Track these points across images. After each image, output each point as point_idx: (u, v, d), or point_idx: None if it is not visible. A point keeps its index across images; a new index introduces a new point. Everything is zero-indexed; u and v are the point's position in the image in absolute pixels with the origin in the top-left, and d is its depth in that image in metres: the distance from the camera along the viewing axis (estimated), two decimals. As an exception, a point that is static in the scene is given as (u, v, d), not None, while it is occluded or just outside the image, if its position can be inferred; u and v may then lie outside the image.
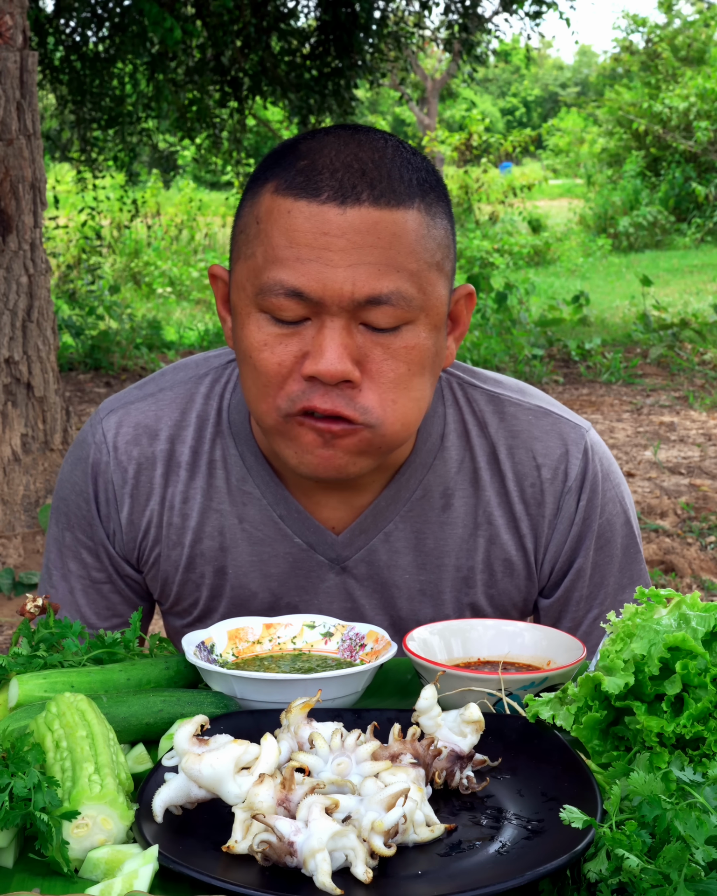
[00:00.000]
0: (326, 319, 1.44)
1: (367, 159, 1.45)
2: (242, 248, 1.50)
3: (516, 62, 28.30)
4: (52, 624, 1.52)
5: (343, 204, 1.42)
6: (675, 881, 0.98)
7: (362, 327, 1.45)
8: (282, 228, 1.44)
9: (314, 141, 1.48)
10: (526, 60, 13.10)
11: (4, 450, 5.52)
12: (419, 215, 1.46)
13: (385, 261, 1.42)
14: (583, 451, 1.70)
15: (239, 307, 1.51)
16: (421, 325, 1.48)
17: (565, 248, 18.54)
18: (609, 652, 1.27)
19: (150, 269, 15.52)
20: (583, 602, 1.75)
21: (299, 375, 1.46)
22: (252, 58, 10.28)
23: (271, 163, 1.50)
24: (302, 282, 1.42)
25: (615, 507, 1.74)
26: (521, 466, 1.69)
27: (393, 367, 1.47)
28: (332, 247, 1.42)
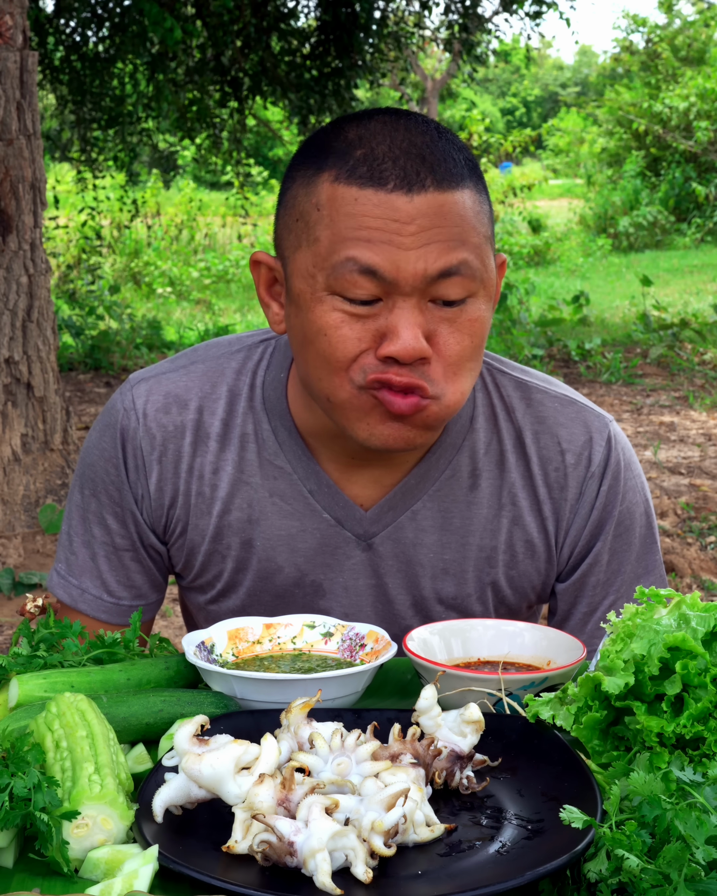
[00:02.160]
0: (398, 300, 1.48)
1: (422, 144, 1.49)
2: (302, 236, 1.52)
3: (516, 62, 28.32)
4: (52, 624, 1.52)
5: (410, 192, 1.47)
6: (675, 881, 0.98)
7: (431, 304, 1.50)
8: (349, 214, 1.48)
9: (362, 127, 1.52)
10: (526, 60, 13.09)
11: (4, 450, 5.52)
12: (473, 193, 1.52)
13: (453, 237, 1.48)
14: (607, 440, 1.74)
15: (306, 293, 1.52)
16: (481, 298, 1.53)
17: (565, 248, 18.55)
18: (609, 652, 1.27)
19: (150, 269, 15.52)
20: (600, 587, 1.76)
21: (373, 355, 1.50)
22: (252, 58, 10.28)
23: (319, 150, 1.53)
24: (375, 260, 1.46)
25: (635, 496, 1.77)
26: (546, 451, 1.73)
27: (459, 340, 1.52)
28: (403, 232, 1.46)
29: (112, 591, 1.78)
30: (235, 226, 18.43)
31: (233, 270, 16.04)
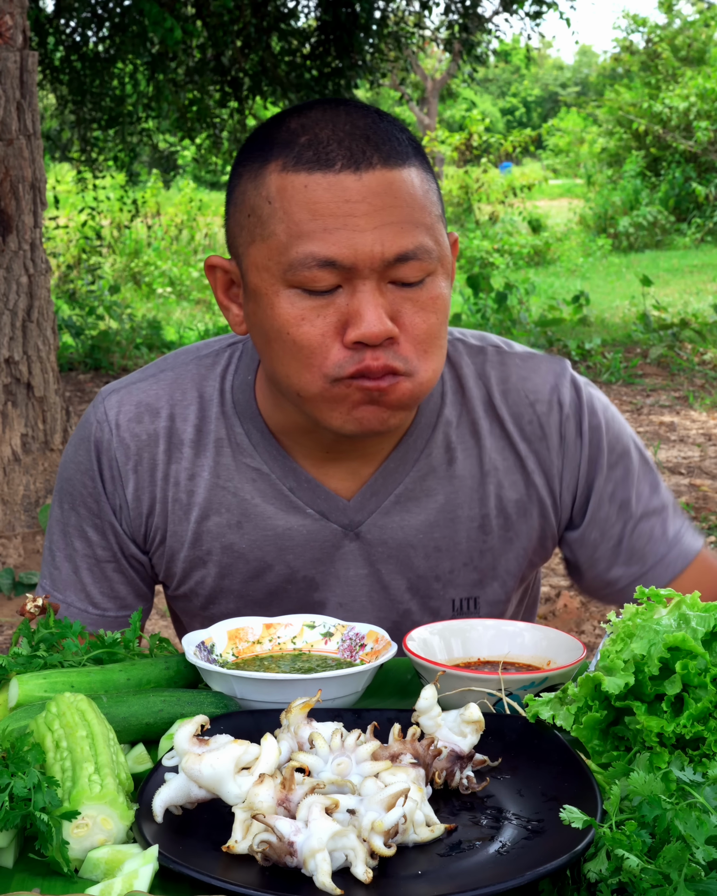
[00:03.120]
0: (358, 284, 1.49)
1: (364, 126, 1.50)
2: (255, 231, 1.52)
3: (516, 62, 28.31)
4: (52, 624, 1.52)
5: (358, 170, 1.47)
6: (675, 881, 0.98)
7: (391, 286, 1.51)
8: (301, 203, 1.48)
9: (304, 117, 1.53)
10: (526, 60, 13.09)
11: (4, 450, 5.52)
12: (419, 171, 1.53)
13: (405, 218, 1.49)
14: (571, 381, 1.75)
15: (262, 288, 1.53)
16: (439, 276, 1.54)
17: (565, 248, 18.54)
18: (609, 652, 1.27)
19: (150, 269, 15.52)
20: (616, 518, 1.76)
21: (340, 344, 1.50)
22: (252, 58, 10.28)
23: (263, 144, 1.53)
24: (333, 251, 1.47)
25: (617, 424, 1.78)
26: (516, 408, 1.73)
27: (424, 318, 1.53)
28: (355, 212, 1.47)
29: (96, 603, 1.78)
30: (235, 226, 18.41)
31: (233, 270, 16.03)
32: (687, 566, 1.77)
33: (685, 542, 1.78)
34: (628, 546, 1.77)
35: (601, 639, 2.08)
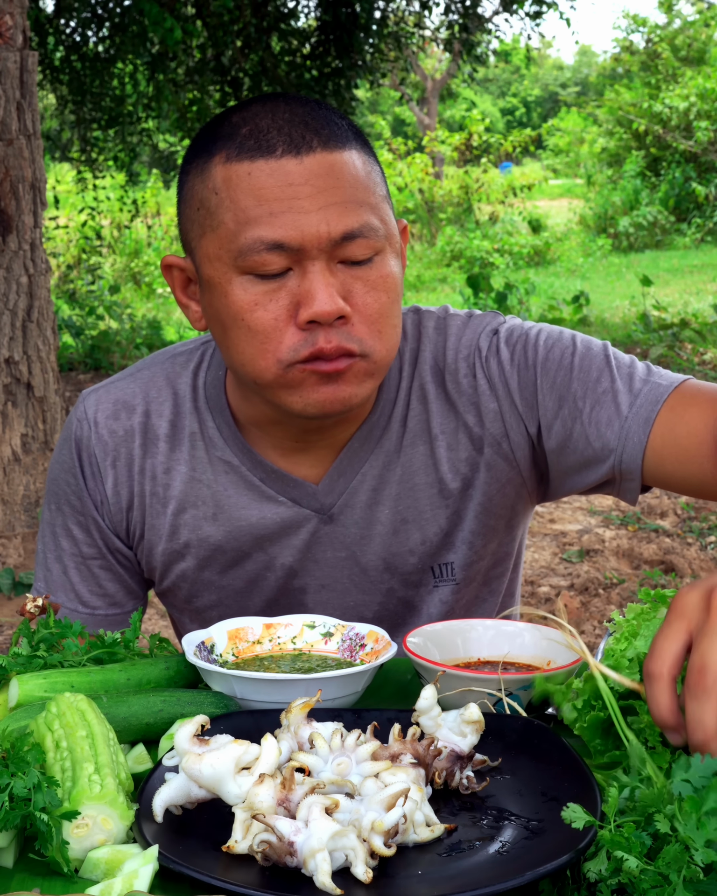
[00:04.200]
0: (307, 265, 1.51)
1: (303, 113, 1.54)
2: (205, 223, 1.55)
3: (517, 62, 28.32)
4: (52, 624, 1.52)
5: (299, 154, 1.51)
6: (674, 882, 0.98)
7: (340, 266, 1.53)
8: (246, 190, 1.51)
9: (245, 111, 1.56)
10: (526, 60, 13.09)
11: (4, 450, 5.52)
12: (360, 154, 1.56)
13: (349, 198, 1.52)
14: (493, 330, 1.73)
15: (215, 277, 1.55)
16: (388, 255, 1.57)
17: (565, 248, 18.55)
18: (614, 651, 1.27)
19: (150, 269, 15.52)
20: (581, 403, 1.65)
21: (294, 327, 1.52)
22: (252, 58, 10.28)
23: (207, 140, 1.57)
24: (280, 233, 1.49)
25: (536, 335, 1.70)
26: (451, 364, 1.74)
27: (375, 297, 1.55)
28: (299, 195, 1.50)
29: (85, 601, 1.81)
30: (235, 226, 18.42)
31: (233, 270, 16.04)
32: (654, 418, 1.61)
33: (643, 401, 1.62)
34: (587, 417, 1.65)
35: (602, 639, 2.07)
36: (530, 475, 1.75)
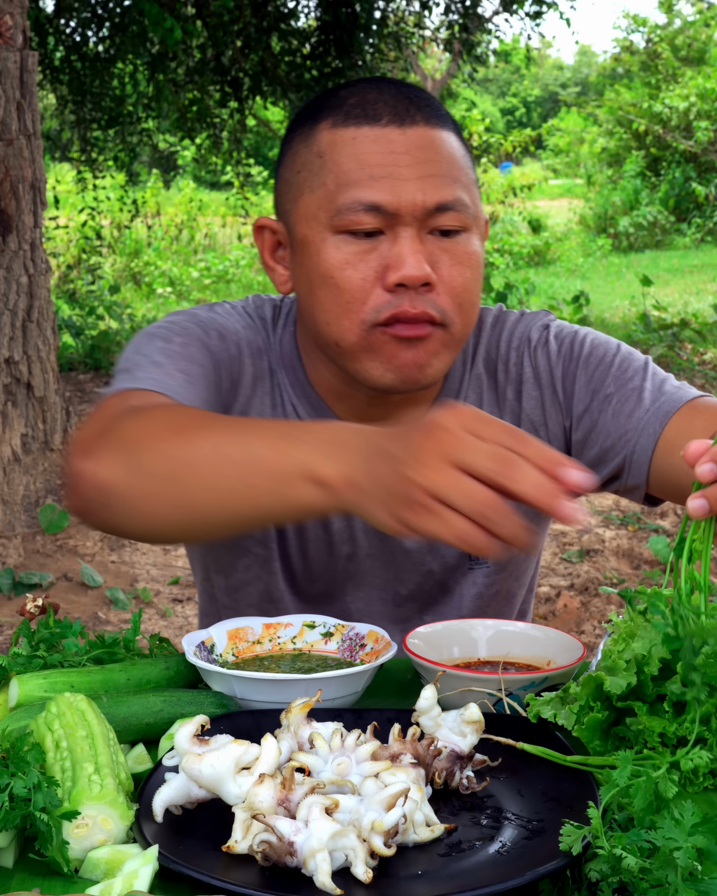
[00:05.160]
0: (399, 230, 1.57)
1: (407, 91, 1.62)
2: (305, 184, 1.61)
3: (517, 62, 28.30)
4: (52, 624, 1.52)
5: (402, 125, 1.58)
6: (674, 882, 0.98)
7: (429, 237, 1.58)
8: (349, 154, 1.58)
9: (352, 86, 1.64)
10: (526, 60, 13.09)
11: (4, 450, 5.52)
12: (457, 138, 1.64)
13: (446, 172, 1.58)
14: (545, 324, 1.80)
15: (310, 236, 1.60)
16: (474, 234, 1.62)
17: (565, 248, 18.54)
18: (611, 652, 1.27)
19: (150, 269, 15.51)
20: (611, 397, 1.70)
21: (381, 290, 1.57)
22: (252, 58, 10.28)
23: (313, 110, 1.64)
24: (378, 196, 1.55)
25: (597, 338, 1.76)
26: (504, 356, 1.79)
27: (460, 272, 1.60)
28: (399, 163, 1.56)
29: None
30: (235, 226, 18.43)
31: (233, 270, 16.04)
32: (673, 413, 1.65)
33: (666, 399, 1.67)
34: (615, 424, 1.69)
35: (601, 639, 2.07)
36: None
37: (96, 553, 5.50)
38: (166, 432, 1.38)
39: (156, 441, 1.37)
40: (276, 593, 1.80)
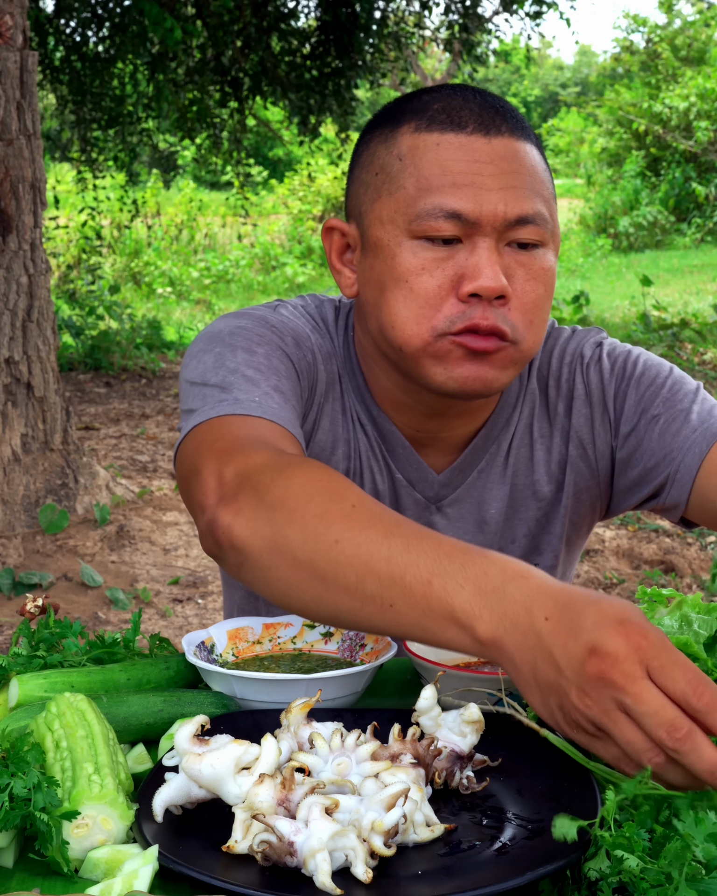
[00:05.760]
0: (478, 240, 1.54)
1: (492, 101, 1.60)
2: (382, 187, 1.59)
3: (517, 62, 28.30)
4: (52, 624, 1.52)
5: (488, 134, 1.55)
6: (676, 880, 0.98)
7: (506, 248, 1.56)
8: (432, 160, 1.55)
9: (435, 92, 1.61)
10: (526, 60, 13.07)
11: (4, 450, 5.52)
12: (539, 152, 1.61)
13: (528, 185, 1.56)
14: (598, 342, 1.79)
15: (385, 239, 1.58)
16: (550, 251, 1.61)
17: (565, 248, 18.54)
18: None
19: (150, 269, 15.51)
20: (659, 417, 1.70)
21: (454, 298, 1.54)
22: (252, 58, 10.28)
23: (395, 113, 1.61)
24: (460, 204, 1.53)
25: (650, 359, 1.76)
26: (555, 371, 1.78)
27: (534, 287, 1.57)
28: (483, 172, 1.54)
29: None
30: (235, 226, 18.43)
31: (233, 270, 16.04)
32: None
33: (715, 421, 1.67)
34: (659, 444, 1.70)
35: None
36: (605, 490, 1.79)
37: (96, 553, 5.50)
38: (313, 515, 1.27)
39: (301, 521, 1.28)
40: None
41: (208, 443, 1.46)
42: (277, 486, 1.32)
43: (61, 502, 5.72)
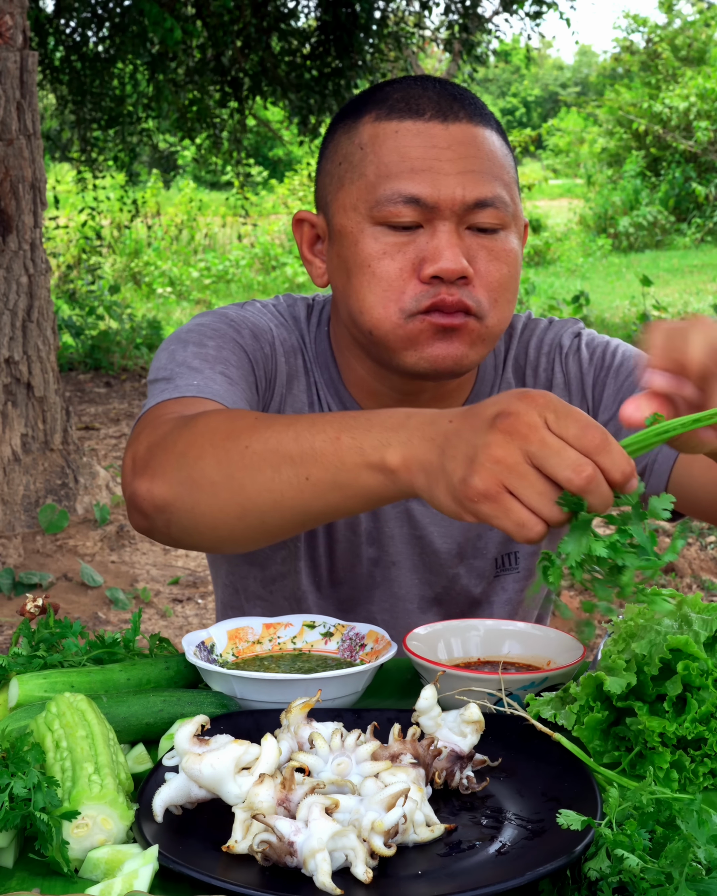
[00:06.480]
0: (438, 224, 1.57)
1: (451, 89, 1.64)
2: (345, 176, 1.62)
3: (517, 62, 28.29)
4: (52, 624, 1.52)
5: (445, 120, 1.59)
6: (676, 880, 0.98)
7: (467, 232, 1.59)
8: (391, 147, 1.59)
9: (396, 83, 1.65)
10: (526, 60, 13.07)
11: (4, 450, 5.52)
12: (499, 137, 1.64)
13: (486, 169, 1.59)
14: (576, 332, 1.82)
15: (348, 226, 1.61)
16: (512, 233, 1.63)
17: (565, 248, 18.54)
18: (611, 652, 1.27)
19: (150, 269, 15.51)
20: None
21: (417, 281, 1.57)
22: (252, 58, 10.28)
23: (359, 105, 1.65)
24: (418, 189, 1.56)
25: (619, 345, 1.79)
26: (533, 361, 1.81)
27: (497, 267, 1.60)
28: (441, 157, 1.57)
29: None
30: (235, 226, 18.42)
31: (233, 270, 16.04)
32: None
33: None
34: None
35: (601, 639, 2.07)
36: None
37: (96, 553, 5.50)
38: (219, 439, 1.35)
39: (210, 449, 1.34)
40: (299, 593, 1.80)
41: (135, 432, 1.50)
42: (182, 439, 1.38)
43: (61, 502, 5.72)
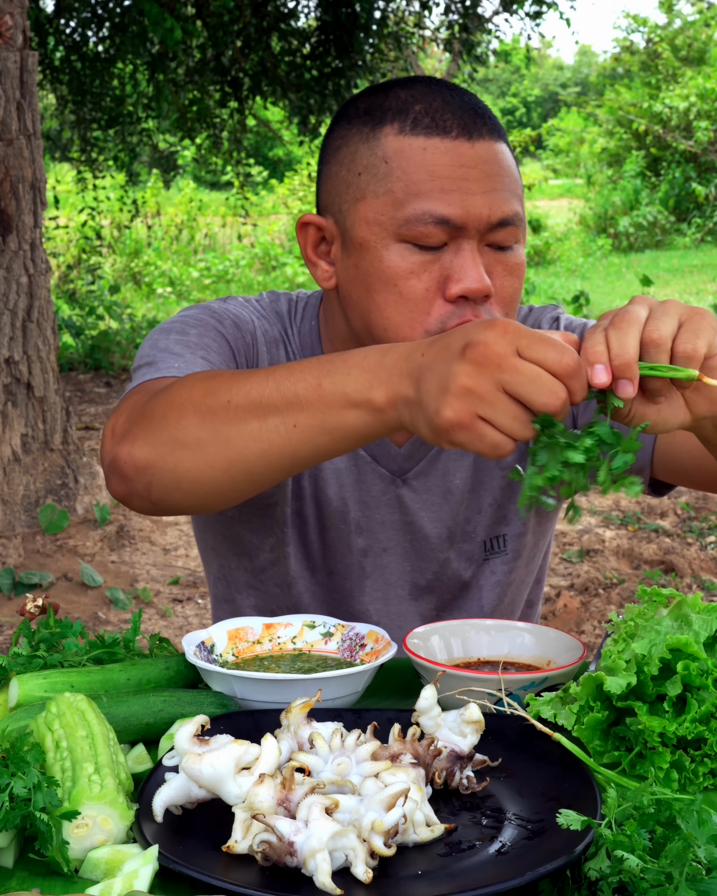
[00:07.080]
0: (462, 243, 1.58)
1: (469, 101, 1.63)
2: (367, 188, 1.61)
3: (517, 62, 28.29)
4: (52, 624, 1.52)
5: (471, 139, 1.59)
6: (676, 880, 0.98)
7: (486, 248, 1.61)
8: (419, 164, 1.58)
9: (410, 89, 1.63)
10: (526, 60, 13.07)
11: (4, 450, 5.52)
12: (509, 148, 1.66)
13: (506, 186, 1.61)
14: (555, 316, 1.85)
15: (370, 241, 1.60)
16: (522, 245, 1.66)
17: (565, 248, 18.54)
18: (611, 652, 1.27)
19: (150, 269, 15.51)
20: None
21: (442, 300, 1.58)
22: (252, 58, 10.27)
23: (373, 109, 1.62)
24: (448, 210, 1.57)
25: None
26: None
27: (511, 282, 1.63)
28: (469, 176, 1.58)
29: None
30: (235, 226, 18.42)
31: (233, 270, 16.04)
32: None
33: None
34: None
35: (601, 639, 2.07)
36: None
37: (96, 553, 5.50)
38: (199, 397, 1.37)
39: (191, 408, 1.36)
40: (289, 579, 1.82)
41: (115, 410, 1.52)
42: (160, 404, 1.40)
43: (61, 502, 5.72)
